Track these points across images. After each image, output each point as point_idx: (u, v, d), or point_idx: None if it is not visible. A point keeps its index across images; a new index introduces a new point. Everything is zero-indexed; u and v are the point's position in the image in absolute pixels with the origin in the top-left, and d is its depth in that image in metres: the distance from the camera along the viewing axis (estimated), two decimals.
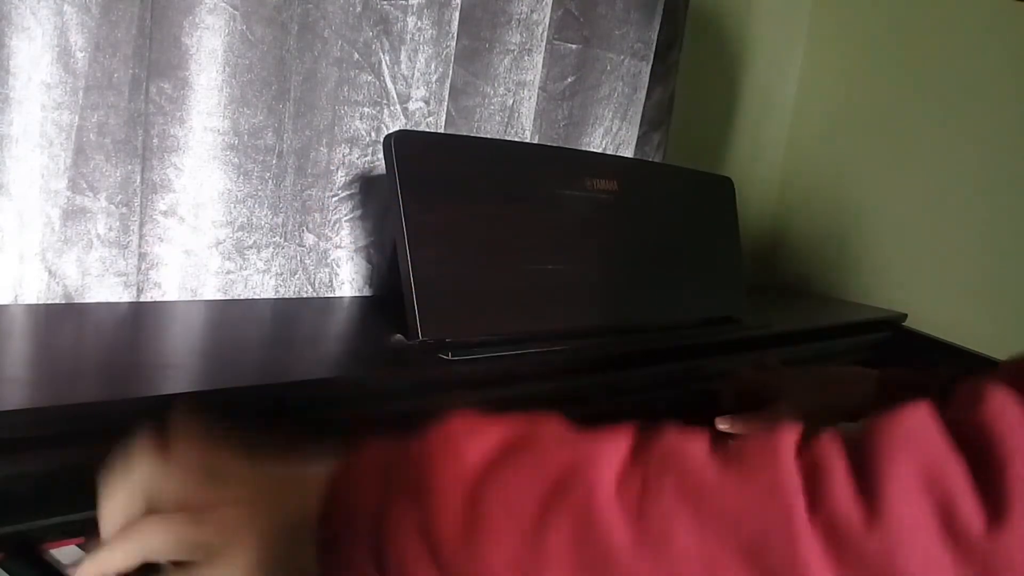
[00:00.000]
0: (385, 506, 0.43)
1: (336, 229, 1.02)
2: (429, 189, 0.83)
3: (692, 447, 0.40)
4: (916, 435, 0.36)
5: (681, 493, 0.38)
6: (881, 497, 0.34)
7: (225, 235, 0.92)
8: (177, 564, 0.48)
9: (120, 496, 0.49)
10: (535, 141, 1.22)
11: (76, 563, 0.54)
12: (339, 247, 1.02)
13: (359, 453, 0.47)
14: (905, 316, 1.48)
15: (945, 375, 0.90)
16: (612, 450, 0.41)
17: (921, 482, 0.35)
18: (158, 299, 0.89)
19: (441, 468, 0.43)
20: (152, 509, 0.49)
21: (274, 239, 0.96)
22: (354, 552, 0.44)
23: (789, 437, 0.38)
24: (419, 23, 1.03)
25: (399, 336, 0.83)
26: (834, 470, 0.36)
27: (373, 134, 1.02)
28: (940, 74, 1.53)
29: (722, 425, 0.90)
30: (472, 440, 0.45)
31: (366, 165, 1.02)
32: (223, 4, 0.87)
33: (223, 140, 0.90)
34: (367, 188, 1.02)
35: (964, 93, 1.50)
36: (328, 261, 1.02)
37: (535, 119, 1.21)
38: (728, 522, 0.36)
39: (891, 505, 0.34)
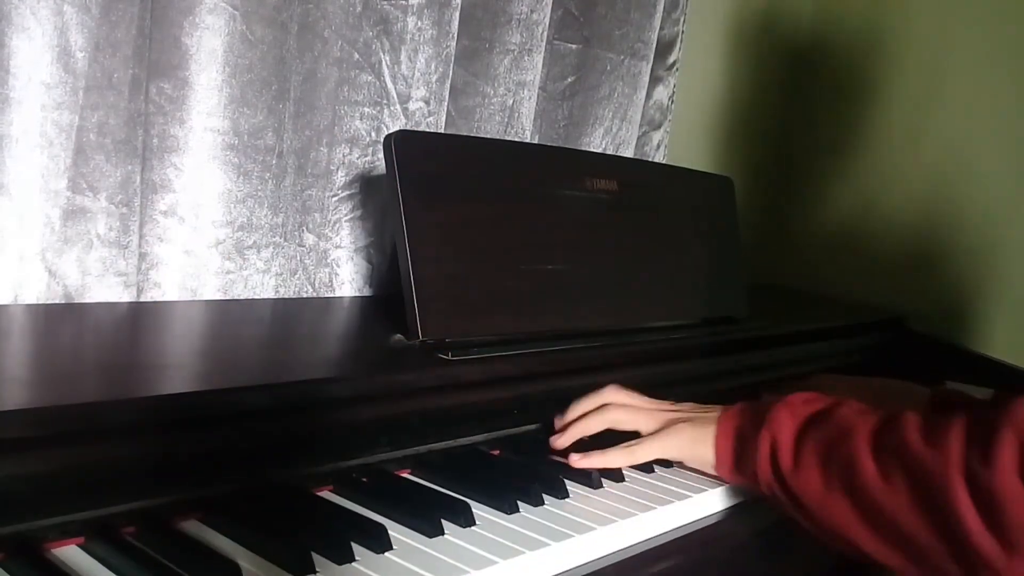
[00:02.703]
0: (751, 436, 0.76)
1: (336, 229, 1.02)
2: (429, 189, 0.83)
3: (911, 424, 0.68)
4: (1018, 415, 0.62)
5: (899, 453, 0.67)
6: (994, 451, 0.61)
7: (225, 235, 0.92)
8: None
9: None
10: (535, 141, 1.22)
11: (77, 564, 0.54)
12: (339, 247, 1.02)
13: (731, 413, 0.80)
14: (905, 316, 1.48)
15: (996, 399, 0.92)
16: (871, 418, 0.71)
17: (1016, 444, 0.61)
18: (158, 299, 0.89)
19: (783, 421, 0.75)
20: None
21: (274, 239, 0.96)
22: (730, 460, 0.78)
23: (963, 415, 0.66)
24: (419, 23, 1.03)
25: (399, 336, 0.83)
26: (978, 437, 0.63)
27: (373, 134, 1.02)
28: (941, 73, 1.53)
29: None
30: (804, 407, 0.76)
31: (366, 165, 1.02)
32: (223, 4, 0.87)
33: (223, 140, 0.90)
34: (367, 188, 1.02)
35: (965, 92, 1.50)
36: (328, 261, 1.02)
37: (535, 119, 1.21)
38: (921, 471, 0.65)
39: (998, 455, 0.61)
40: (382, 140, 0.91)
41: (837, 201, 1.68)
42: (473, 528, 0.64)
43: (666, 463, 0.82)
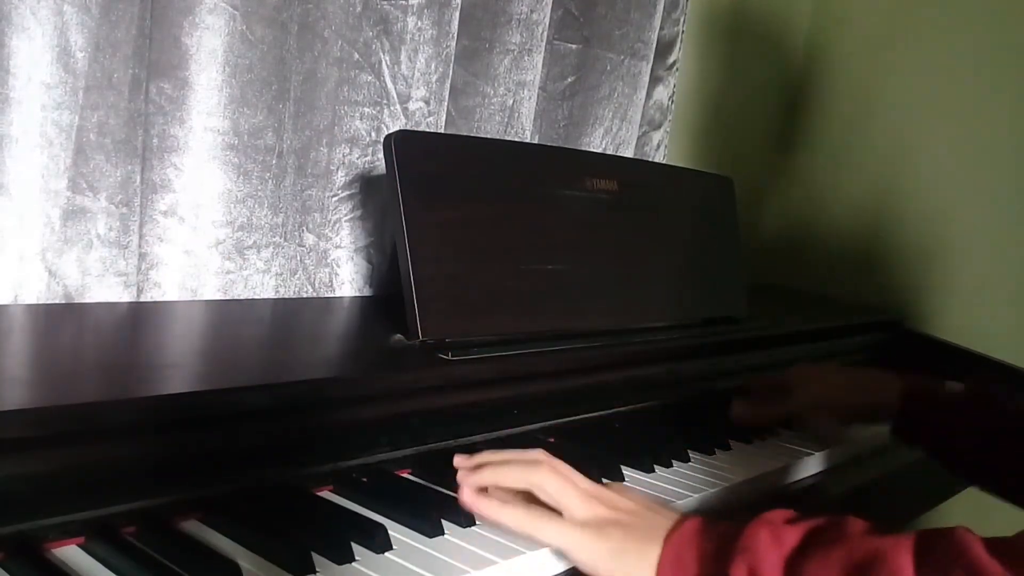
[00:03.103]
0: (715, 565, 0.57)
1: (336, 229, 1.02)
2: (429, 189, 0.83)
3: (976, 544, 0.52)
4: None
5: None
6: None
7: (225, 235, 0.92)
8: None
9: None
10: (535, 141, 1.22)
11: (77, 564, 0.54)
12: (339, 247, 1.02)
13: (687, 532, 0.61)
14: (905, 316, 1.48)
15: (965, 393, 0.92)
16: (907, 542, 0.54)
17: None
18: (158, 299, 0.89)
19: (764, 543, 0.57)
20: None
21: (274, 239, 0.96)
22: None
23: None
24: (419, 23, 1.03)
25: (399, 336, 0.83)
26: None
27: (373, 134, 1.02)
28: (941, 74, 1.53)
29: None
30: (790, 528, 0.58)
31: (366, 165, 1.02)
32: (223, 4, 0.87)
33: (223, 140, 0.90)
34: (367, 188, 1.02)
35: (965, 93, 1.50)
36: (328, 261, 1.02)
37: (535, 119, 1.21)
38: None
39: None
40: (382, 140, 0.91)
41: (837, 201, 1.68)
42: (473, 528, 0.64)
43: (665, 461, 0.82)
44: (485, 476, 0.65)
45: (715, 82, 1.61)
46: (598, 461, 0.78)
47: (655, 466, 0.81)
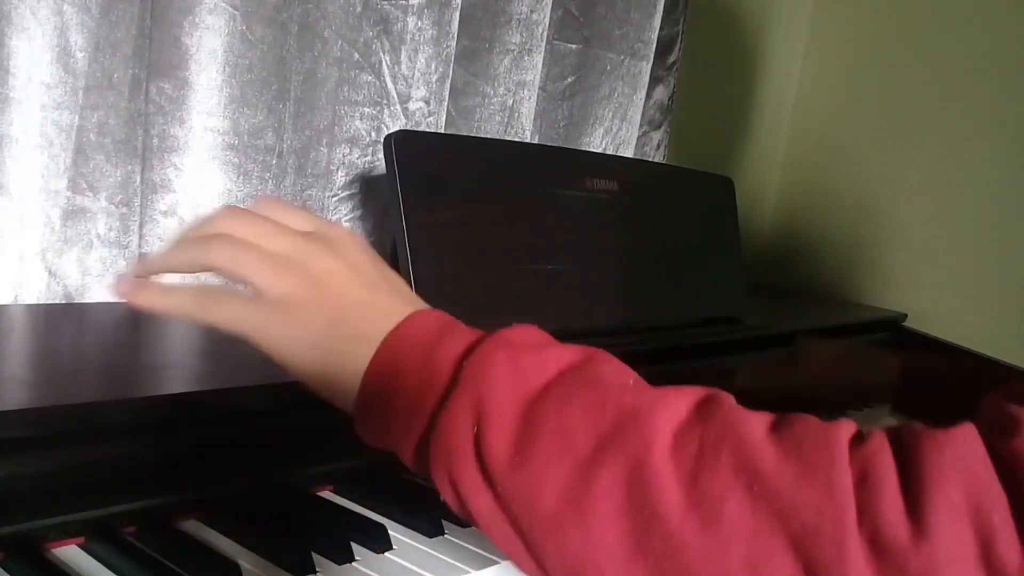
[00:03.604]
0: (437, 389, 0.44)
1: None
2: (429, 189, 0.83)
3: (752, 422, 0.40)
4: (965, 461, 0.36)
5: (737, 468, 0.38)
6: (928, 519, 0.35)
7: None
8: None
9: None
10: (535, 141, 1.22)
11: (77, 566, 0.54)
12: None
13: (411, 332, 0.46)
14: (905, 316, 1.48)
15: (964, 368, 0.92)
16: (673, 405, 0.42)
17: (967, 510, 0.35)
18: None
19: (500, 379, 0.43)
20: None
21: None
22: (386, 420, 0.45)
23: (845, 432, 0.39)
24: (419, 23, 1.03)
25: None
26: (885, 483, 0.36)
27: (373, 134, 1.02)
28: (942, 74, 1.53)
29: None
30: (533, 357, 0.44)
31: (366, 165, 1.02)
32: (223, 4, 0.87)
33: (223, 140, 0.90)
34: (367, 188, 1.02)
35: (965, 93, 1.50)
36: None
37: (535, 119, 1.21)
38: (781, 509, 0.37)
39: (937, 529, 0.35)
40: (382, 140, 0.91)
41: (837, 201, 1.67)
42: (473, 528, 0.64)
43: None
44: (151, 264, 0.51)
45: (715, 82, 1.61)
46: None
47: None
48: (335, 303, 0.47)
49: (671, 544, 0.38)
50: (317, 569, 0.55)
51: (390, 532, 0.60)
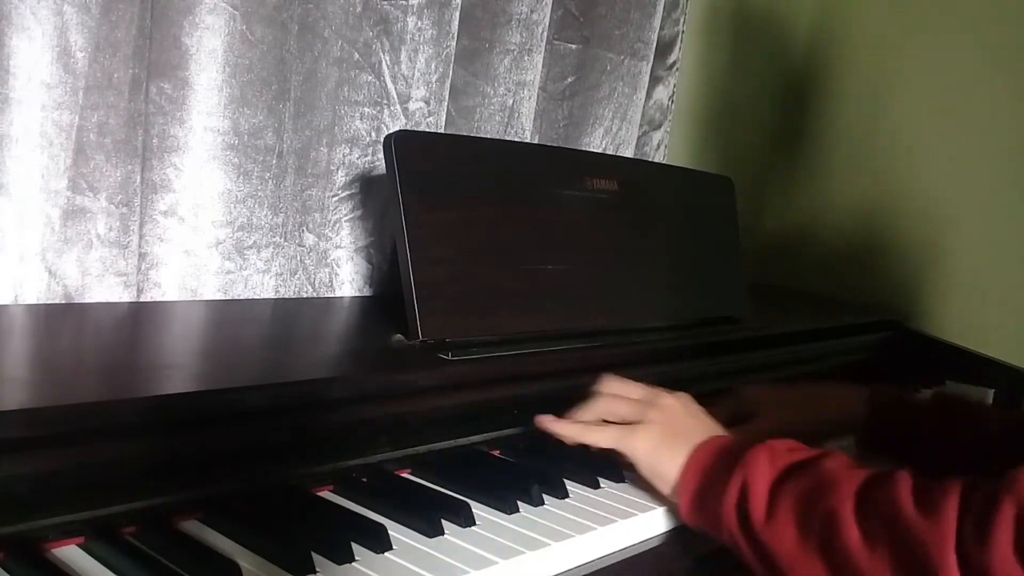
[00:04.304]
0: (723, 479, 0.68)
1: (336, 229, 1.02)
2: (429, 189, 0.83)
3: (903, 486, 0.62)
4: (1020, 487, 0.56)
5: (888, 513, 0.61)
6: (991, 528, 0.55)
7: (225, 235, 0.92)
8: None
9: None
10: (535, 141, 1.22)
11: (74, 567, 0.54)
12: (339, 247, 1.02)
13: (711, 444, 0.73)
14: (905, 316, 1.48)
15: (933, 403, 0.93)
16: (859, 477, 0.64)
17: (1014, 519, 0.55)
18: (158, 299, 0.89)
19: (760, 466, 0.68)
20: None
21: (274, 239, 0.96)
22: (693, 498, 0.70)
23: (959, 484, 0.59)
24: (419, 23, 1.03)
25: (399, 336, 0.83)
26: (973, 511, 0.57)
27: (373, 134, 1.02)
28: (942, 74, 1.53)
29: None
30: (785, 455, 0.69)
31: (366, 165, 1.02)
32: (223, 4, 0.87)
33: (223, 140, 0.90)
34: (367, 188, 1.02)
35: (964, 93, 1.50)
36: (328, 261, 1.02)
37: (535, 119, 1.21)
38: (911, 536, 0.59)
39: (996, 534, 0.55)
40: (382, 140, 0.91)
41: (837, 201, 1.68)
42: (473, 528, 0.64)
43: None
44: (569, 428, 0.79)
45: (715, 82, 1.62)
46: (598, 462, 0.78)
47: None
48: (668, 426, 0.75)
49: (848, 555, 0.61)
50: (317, 569, 0.55)
51: (390, 532, 0.60)
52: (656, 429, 0.75)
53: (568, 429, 0.78)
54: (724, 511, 0.67)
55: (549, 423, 0.78)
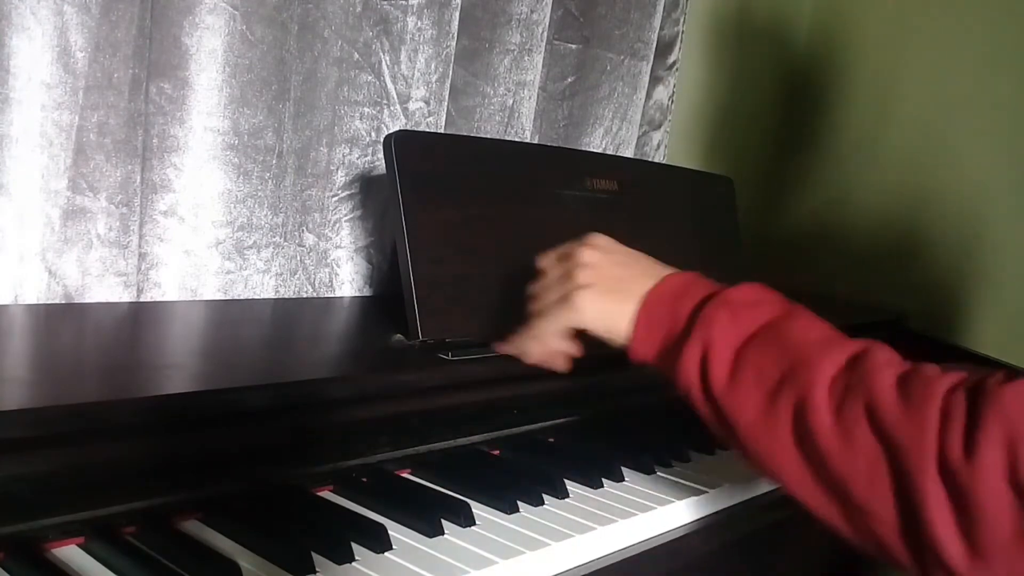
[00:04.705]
0: (681, 331, 0.67)
1: (336, 229, 1.02)
2: (429, 189, 0.83)
3: (885, 374, 0.58)
4: (1010, 408, 0.52)
5: (866, 407, 0.57)
6: (976, 447, 0.52)
7: (225, 235, 0.92)
8: None
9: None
10: (535, 141, 1.22)
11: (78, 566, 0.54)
12: (339, 247, 1.02)
13: (661, 293, 0.70)
14: (905, 316, 1.48)
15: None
16: (836, 356, 0.61)
17: (1004, 444, 0.51)
18: (158, 299, 0.89)
19: (721, 326, 0.65)
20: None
21: (274, 239, 0.96)
22: (651, 349, 0.70)
23: (944, 385, 0.56)
24: (419, 23, 1.03)
25: (399, 336, 0.83)
26: (955, 421, 0.53)
27: (373, 134, 1.02)
28: (941, 74, 1.53)
29: None
30: (748, 311, 0.66)
31: (366, 165, 1.02)
32: (223, 4, 0.87)
33: (223, 140, 0.90)
34: (367, 188, 1.02)
35: (964, 94, 1.50)
36: (328, 261, 1.02)
37: (535, 119, 1.21)
38: (891, 437, 0.55)
39: (981, 454, 0.52)
40: (382, 140, 0.91)
41: (837, 201, 1.68)
42: (473, 528, 0.64)
43: (666, 462, 0.82)
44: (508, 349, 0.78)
45: (715, 82, 1.62)
46: (598, 461, 0.78)
47: (655, 467, 0.81)
48: (606, 282, 0.72)
49: (820, 452, 0.58)
50: (317, 569, 0.55)
51: (390, 532, 0.60)
52: (594, 288, 0.72)
53: (516, 345, 0.77)
54: (685, 370, 0.66)
55: (501, 347, 0.78)
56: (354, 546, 0.58)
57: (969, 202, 1.49)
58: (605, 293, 0.72)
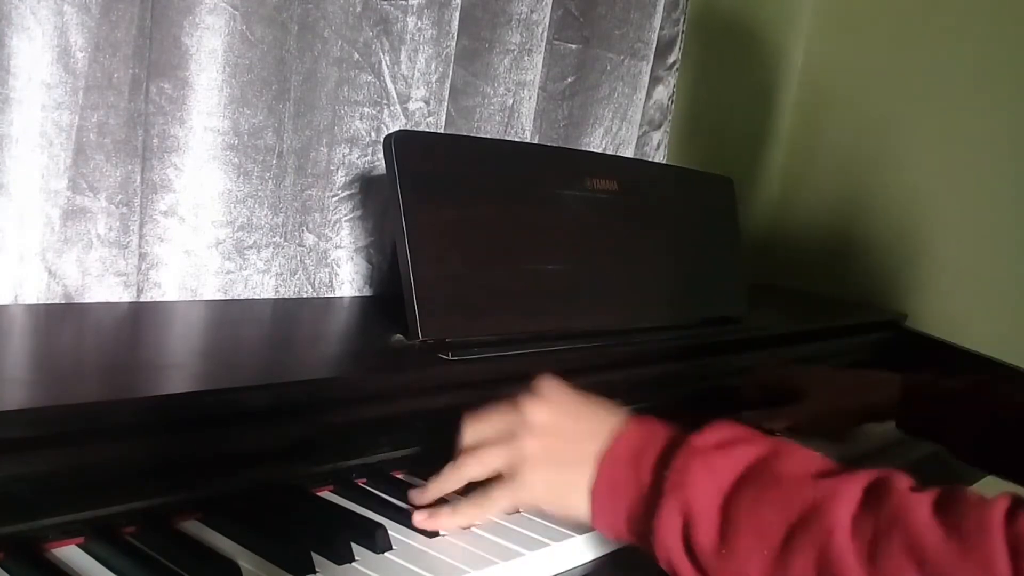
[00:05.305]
0: (649, 496, 0.55)
1: (336, 229, 1.02)
2: (429, 189, 0.83)
3: (919, 506, 0.48)
4: None
5: (907, 550, 0.46)
6: None
7: (225, 235, 0.92)
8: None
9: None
10: (535, 141, 1.22)
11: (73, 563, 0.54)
12: (339, 247, 1.02)
13: (619, 455, 0.58)
14: (905, 316, 1.48)
15: (967, 381, 0.93)
16: (849, 493, 0.50)
17: None
18: (158, 299, 0.89)
19: (698, 484, 0.53)
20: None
21: (274, 239, 0.96)
22: (617, 521, 0.58)
23: (1000, 510, 0.46)
24: (419, 23, 1.03)
25: (399, 336, 0.83)
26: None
27: (373, 134, 1.02)
28: (942, 75, 1.53)
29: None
30: (724, 457, 0.55)
31: (366, 165, 1.02)
32: (223, 4, 0.87)
33: (223, 140, 0.90)
34: (367, 188, 1.02)
35: (966, 94, 1.50)
36: (328, 261, 1.02)
37: (535, 119, 1.21)
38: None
39: None
40: (382, 140, 0.91)
41: (837, 201, 1.67)
42: (473, 528, 0.64)
43: None
44: (430, 493, 0.64)
45: (715, 82, 1.61)
46: None
47: None
48: (556, 450, 0.60)
49: None
50: (317, 569, 0.55)
51: (390, 532, 0.60)
52: (540, 459, 0.61)
53: (444, 521, 0.62)
54: (664, 543, 0.55)
55: (423, 522, 0.62)
56: (354, 546, 0.58)
57: (969, 202, 1.49)
58: (556, 465, 0.60)
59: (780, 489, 0.52)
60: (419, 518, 0.62)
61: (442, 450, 0.66)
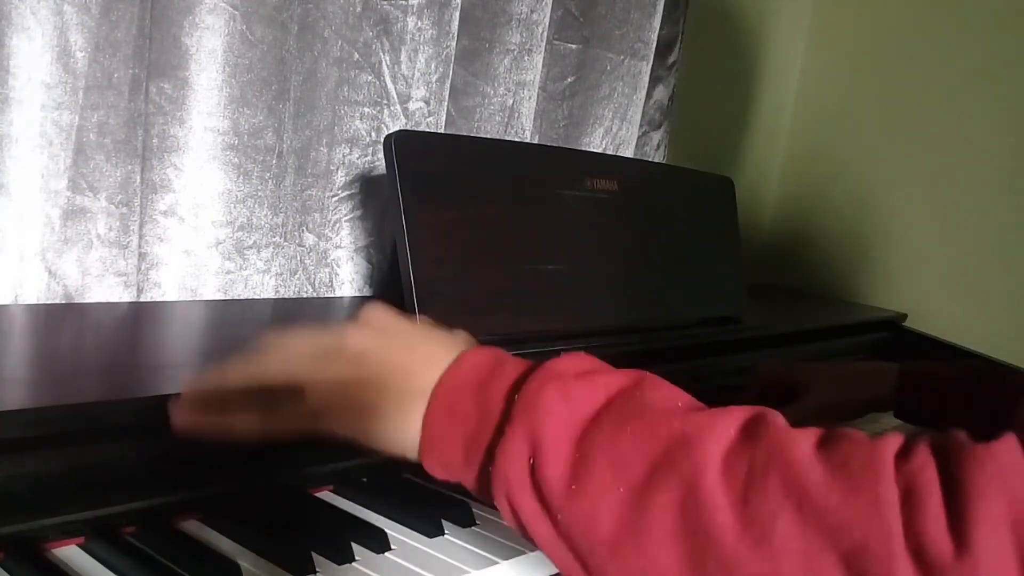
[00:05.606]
0: (493, 423, 0.47)
1: (336, 229, 1.02)
2: (429, 189, 0.83)
3: (799, 442, 0.42)
4: (1007, 475, 0.37)
5: (786, 488, 0.40)
6: (970, 535, 0.36)
7: (225, 235, 0.92)
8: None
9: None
10: (535, 141, 1.22)
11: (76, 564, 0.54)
12: (339, 247, 1.02)
13: (464, 361, 0.50)
14: (905, 316, 1.48)
15: (965, 369, 0.93)
16: (722, 427, 0.43)
17: (1008, 525, 0.36)
18: (158, 299, 0.89)
19: (552, 411, 0.46)
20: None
21: (274, 239, 0.96)
22: (451, 453, 0.49)
23: (890, 448, 0.40)
24: (419, 23, 1.03)
25: None
26: (929, 499, 0.38)
27: (373, 134, 1.02)
28: (943, 74, 1.53)
29: None
30: (583, 385, 0.47)
31: (366, 165, 1.02)
32: (223, 4, 0.87)
33: (223, 140, 0.90)
34: (367, 188, 1.02)
35: (966, 93, 1.50)
36: (328, 261, 1.02)
37: (535, 119, 1.21)
38: (830, 527, 0.38)
39: (978, 544, 0.36)
40: (382, 140, 0.91)
41: (837, 201, 1.67)
42: (473, 528, 0.64)
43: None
44: (202, 381, 0.54)
45: (715, 82, 1.61)
46: None
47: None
48: (379, 375, 0.51)
49: (725, 564, 0.40)
50: (317, 569, 0.55)
51: (390, 532, 0.60)
52: (354, 392, 0.51)
53: (204, 419, 0.52)
54: (503, 475, 0.46)
55: (177, 414, 0.52)
56: (354, 546, 0.58)
57: (970, 202, 1.49)
58: (381, 391, 0.50)
59: (644, 421, 0.44)
60: (179, 415, 0.52)
61: None
